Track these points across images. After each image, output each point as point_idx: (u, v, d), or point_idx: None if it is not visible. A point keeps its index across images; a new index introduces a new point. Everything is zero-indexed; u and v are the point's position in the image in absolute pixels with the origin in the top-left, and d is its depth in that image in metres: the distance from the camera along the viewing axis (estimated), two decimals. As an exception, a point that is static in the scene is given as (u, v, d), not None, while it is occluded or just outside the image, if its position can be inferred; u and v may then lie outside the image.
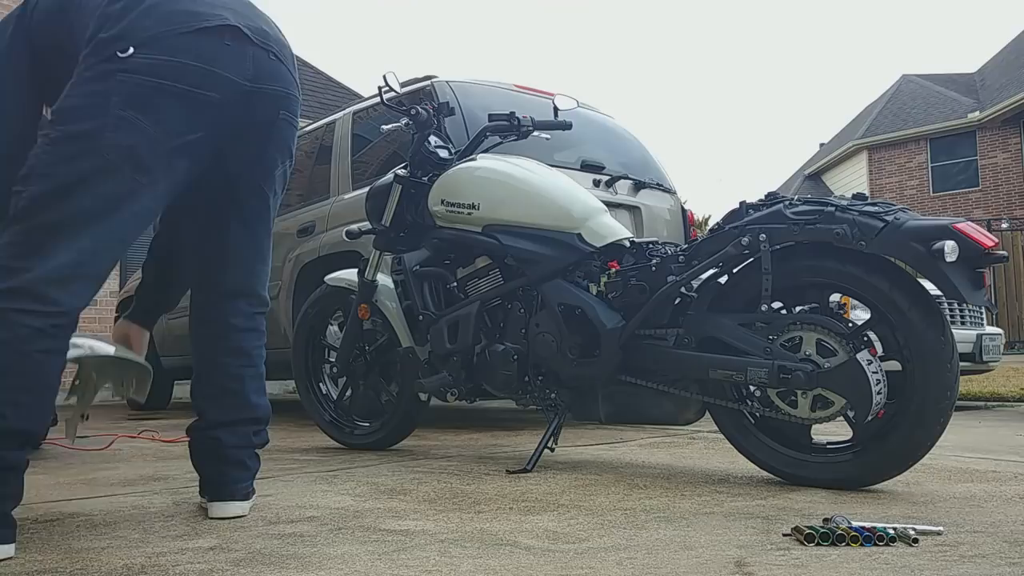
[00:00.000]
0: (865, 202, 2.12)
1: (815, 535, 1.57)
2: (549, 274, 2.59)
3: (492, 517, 1.89)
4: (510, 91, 4.18)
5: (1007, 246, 11.66)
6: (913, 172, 19.96)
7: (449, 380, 2.75)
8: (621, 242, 2.58)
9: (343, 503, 2.08)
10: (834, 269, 2.15)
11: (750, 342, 2.21)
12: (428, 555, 1.54)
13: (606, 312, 2.46)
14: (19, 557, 1.59)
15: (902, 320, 2.07)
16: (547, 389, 2.61)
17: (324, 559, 1.53)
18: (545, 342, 2.55)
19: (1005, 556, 1.48)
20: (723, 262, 2.29)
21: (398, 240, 2.98)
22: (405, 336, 2.94)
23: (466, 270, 2.84)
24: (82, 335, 1.91)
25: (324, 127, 4.78)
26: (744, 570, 1.41)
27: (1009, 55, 20.22)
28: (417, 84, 4.05)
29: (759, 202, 2.31)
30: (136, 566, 1.50)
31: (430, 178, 2.92)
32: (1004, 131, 18.54)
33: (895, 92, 22.02)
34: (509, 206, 2.66)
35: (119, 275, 8.03)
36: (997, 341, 5.78)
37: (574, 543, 1.63)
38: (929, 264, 1.96)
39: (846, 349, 2.10)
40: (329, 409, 3.29)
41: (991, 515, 1.84)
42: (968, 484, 2.27)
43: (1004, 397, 6.12)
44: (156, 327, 6.82)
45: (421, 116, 2.92)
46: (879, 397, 2.07)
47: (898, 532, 1.59)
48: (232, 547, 1.63)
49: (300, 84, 2.02)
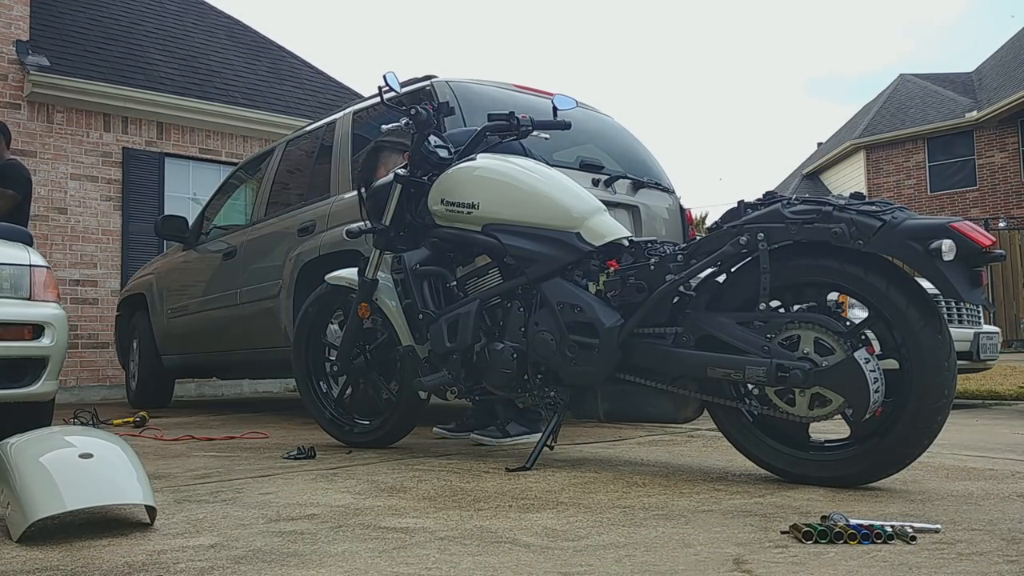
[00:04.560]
0: (863, 201, 2.13)
1: (813, 533, 1.57)
2: (548, 273, 2.60)
3: (492, 515, 1.89)
4: (510, 91, 4.18)
5: (1004, 245, 11.68)
6: (911, 171, 19.97)
7: (449, 378, 2.76)
8: (620, 241, 2.59)
9: (343, 501, 2.09)
10: (832, 268, 2.16)
11: (748, 341, 2.22)
12: (428, 552, 1.55)
13: (605, 311, 2.47)
14: (21, 555, 1.60)
15: (900, 319, 2.08)
16: (546, 387, 2.62)
17: (324, 557, 1.53)
18: (544, 341, 2.56)
19: (1002, 554, 1.48)
20: (721, 261, 2.30)
21: (398, 239, 2.99)
22: (405, 334, 2.95)
23: (466, 269, 2.84)
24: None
25: (324, 127, 4.78)
26: (742, 567, 1.42)
27: (1007, 55, 20.23)
28: (417, 84, 4.05)
29: (757, 201, 2.32)
30: (137, 563, 1.50)
31: (430, 177, 2.92)
32: (1002, 130, 18.54)
33: (893, 91, 22.02)
34: (508, 205, 2.67)
35: (120, 275, 8.04)
36: (994, 339, 5.79)
37: (573, 540, 1.64)
38: (927, 263, 1.97)
39: (844, 348, 2.11)
40: (329, 407, 3.30)
41: (988, 513, 1.85)
42: (965, 482, 2.28)
43: (1001, 395, 6.13)
44: (157, 326, 6.80)
45: (421, 116, 2.93)
46: (877, 395, 2.08)
47: (896, 530, 1.60)
48: (233, 545, 1.64)
49: (302, 84, 2.01)
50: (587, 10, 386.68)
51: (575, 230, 2.58)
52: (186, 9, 10.51)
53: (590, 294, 2.53)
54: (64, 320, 3.31)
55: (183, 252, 5.82)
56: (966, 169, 19.16)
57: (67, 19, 8.84)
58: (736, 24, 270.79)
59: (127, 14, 9.59)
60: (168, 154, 8.52)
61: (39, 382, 3.22)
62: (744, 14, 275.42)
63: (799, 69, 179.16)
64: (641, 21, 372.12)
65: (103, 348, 7.92)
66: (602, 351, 2.45)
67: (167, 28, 9.76)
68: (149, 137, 8.42)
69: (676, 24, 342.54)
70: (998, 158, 18.60)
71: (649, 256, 2.50)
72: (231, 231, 5.37)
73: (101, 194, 8.10)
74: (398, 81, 3.05)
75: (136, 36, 9.21)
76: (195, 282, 5.53)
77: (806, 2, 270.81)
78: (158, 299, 5.92)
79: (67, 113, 7.96)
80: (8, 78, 7.72)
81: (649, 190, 4.26)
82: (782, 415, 2.23)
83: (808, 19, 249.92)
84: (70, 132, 7.98)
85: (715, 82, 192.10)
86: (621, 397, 2.56)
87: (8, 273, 3.24)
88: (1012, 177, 18.46)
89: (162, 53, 9.13)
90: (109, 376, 7.95)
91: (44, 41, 8.21)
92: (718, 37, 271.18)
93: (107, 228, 8.13)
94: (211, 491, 2.29)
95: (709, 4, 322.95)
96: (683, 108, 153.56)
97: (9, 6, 7.87)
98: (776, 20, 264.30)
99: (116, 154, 8.21)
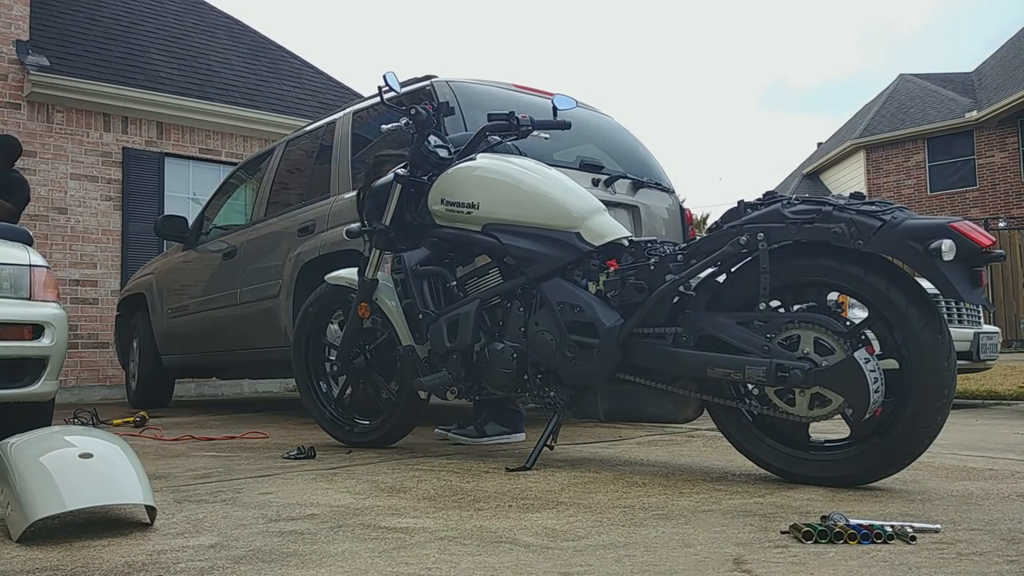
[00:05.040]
0: (863, 201, 2.13)
1: (813, 533, 1.57)
2: (548, 273, 2.60)
3: (491, 515, 1.89)
4: (510, 91, 4.18)
5: (1004, 245, 11.68)
6: (911, 171, 19.97)
7: (448, 378, 2.76)
8: (620, 241, 2.59)
9: (343, 501, 2.09)
10: (832, 268, 2.16)
11: (748, 340, 2.22)
12: (428, 552, 1.55)
13: (605, 311, 2.47)
14: (21, 555, 1.60)
15: (900, 319, 2.08)
16: (546, 387, 2.62)
17: (324, 557, 1.53)
18: (544, 341, 2.56)
19: (1002, 553, 1.48)
20: (721, 261, 2.30)
21: (398, 239, 2.99)
22: (405, 334, 2.95)
23: (465, 269, 2.84)
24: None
25: (324, 127, 4.78)
26: (742, 567, 1.42)
27: (1007, 54, 20.23)
28: (417, 84, 4.05)
29: (757, 201, 2.32)
30: (137, 563, 1.50)
31: (430, 178, 2.92)
32: (1001, 130, 18.55)
33: (893, 91, 22.02)
34: (508, 205, 2.67)
35: (120, 275, 8.04)
36: (994, 339, 5.79)
37: (573, 540, 1.64)
38: (926, 263, 1.97)
39: (844, 348, 2.11)
40: (329, 407, 3.30)
41: (988, 513, 1.85)
42: (965, 482, 2.28)
43: (1001, 395, 6.13)
44: (156, 326, 6.81)
45: (421, 116, 2.93)
46: (876, 395, 2.08)
47: (896, 530, 1.60)
48: (232, 545, 1.64)
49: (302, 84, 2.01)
50: (587, 10, 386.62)
51: (575, 230, 2.58)
52: (186, 9, 10.51)
53: (590, 294, 2.53)
54: (64, 320, 3.31)
55: (183, 252, 5.82)
56: (966, 169, 19.16)
57: (67, 19, 8.84)
58: (736, 25, 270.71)
59: (127, 14, 9.59)
60: (168, 154, 8.52)
61: (39, 382, 3.22)
62: (744, 15, 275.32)
63: (800, 69, 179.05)
64: (641, 21, 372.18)
65: (103, 348, 7.93)
66: (602, 351, 2.45)
67: (167, 28, 9.76)
68: (149, 137, 8.42)
69: (676, 24, 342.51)
70: (998, 158, 18.60)
71: (649, 256, 2.50)
72: (231, 231, 5.37)
73: (101, 194, 8.10)
74: (398, 81, 3.05)
75: (136, 36, 9.21)
76: (195, 282, 5.53)
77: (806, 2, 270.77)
78: (158, 299, 5.92)
79: (67, 113, 7.96)
80: (8, 78, 7.72)
81: (649, 190, 4.26)
82: (782, 415, 2.23)
83: (809, 19, 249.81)
84: (70, 132, 7.98)
85: (714, 81, 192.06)
86: (621, 397, 2.56)
87: (8, 273, 3.24)
88: (1012, 177, 18.46)
89: (162, 53, 9.13)
90: (109, 376, 7.95)
91: (44, 41, 8.21)
92: (718, 37, 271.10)
93: (107, 228, 8.13)
94: (211, 491, 2.29)
95: (709, 4, 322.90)
96: (683, 107, 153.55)
97: (9, 6, 7.87)
98: (776, 21, 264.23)
99: (116, 154, 8.21)
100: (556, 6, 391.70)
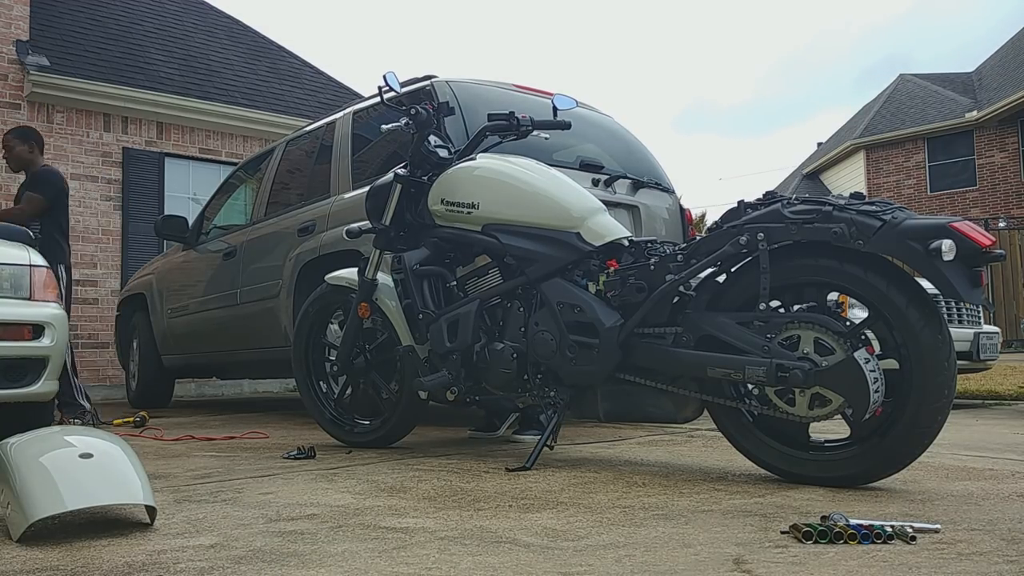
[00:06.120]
0: (863, 201, 2.13)
1: (813, 533, 1.57)
2: (548, 273, 2.60)
3: (492, 515, 1.89)
4: (510, 91, 4.18)
5: (1004, 245, 11.67)
6: (911, 171, 19.97)
7: (448, 378, 2.76)
8: (620, 241, 2.59)
9: (343, 501, 2.09)
10: (832, 268, 2.16)
11: (748, 340, 2.22)
12: (428, 552, 1.55)
13: (605, 311, 2.47)
14: (21, 555, 1.60)
15: (900, 319, 2.08)
16: (546, 387, 2.62)
17: (324, 557, 1.53)
18: (544, 341, 2.56)
19: (1002, 554, 1.48)
20: (721, 261, 2.30)
21: (398, 239, 2.98)
22: (405, 334, 2.95)
23: (465, 269, 2.84)
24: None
25: (324, 127, 4.78)
26: (742, 567, 1.42)
27: (1007, 55, 20.23)
28: (417, 84, 4.05)
29: (757, 201, 2.32)
30: (137, 563, 1.50)
31: (430, 177, 2.92)
32: (1001, 130, 18.55)
33: (893, 91, 22.02)
34: (508, 205, 2.67)
35: (120, 275, 8.04)
36: (994, 339, 5.79)
37: (573, 540, 1.64)
38: (926, 263, 1.97)
39: (844, 348, 2.11)
40: (329, 407, 3.30)
41: (988, 513, 1.85)
42: (965, 482, 2.28)
43: (1001, 395, 6.13)
44: (156, 326, 6.81)
45: (421, 116, 2.93)
46: (877, 395, 2.08)
47: (896, 530, 1.60)
48: (232, 545, 1.64)
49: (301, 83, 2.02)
50: (587, 10, 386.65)
51: (575, 230, 2.58)
52: (186, 9, 10.51)
53: (590, 294, 2.53)
54: (64, 320, 3.31)
55: (183, 252, 5.82)
56: (966, 169, 19.16)
57: (67, 19, 8.84)
58: (737, 25, 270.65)
59: (127, 14, 9.59)
60: (168, 154, 8.52)
61: (39, 382, 3.22)
62: (744, 16, 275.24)
63: (800, 69, 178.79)
64: (641, 21, 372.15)
65: (103, 348, 7.92)
66: (602, 351, 2.45)
67: (167, 28, 9.76)
68: (149, 137, 8.42)
69: (675, 24, 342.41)
70: (998, 158, 18.60)
71: (649, 256, 2.50)
72: (231, 231, 5.37)
73: (101, 194, 8.10)
74: (398, 81, 3.05)
75: (136, 36, 9.21)
76: (195, 282, 5.53)
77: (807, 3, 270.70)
78: (158, 299, 5.92)
79: (67, 113, 7.96)
80: (8, 78, 7.72)
81: (649, 190, 4.26)
82: (782, 415, 2.23)
83: (809, 20, 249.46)
84: (70, 132, 7.98)
85: (715, 81, 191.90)
86: (621, 397, 2.56)
87: (8, 273, 3.24)
88: (1012, 177, 18.46)
89: (162, 53, 9.13)
90: (109, 376, 7.95)
91: (44, 41, 8.21)
92: (719, 37, 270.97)
93: (107, 228, 8.13)
94: (211, 491, 2.29)
95: (710, 4, 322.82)
96: (683, 106, 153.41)
97: (9, 6, 7.87)
98: (777, 22, 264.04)
99: (116, 154, 8.21)
100: (556, 6, 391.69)
